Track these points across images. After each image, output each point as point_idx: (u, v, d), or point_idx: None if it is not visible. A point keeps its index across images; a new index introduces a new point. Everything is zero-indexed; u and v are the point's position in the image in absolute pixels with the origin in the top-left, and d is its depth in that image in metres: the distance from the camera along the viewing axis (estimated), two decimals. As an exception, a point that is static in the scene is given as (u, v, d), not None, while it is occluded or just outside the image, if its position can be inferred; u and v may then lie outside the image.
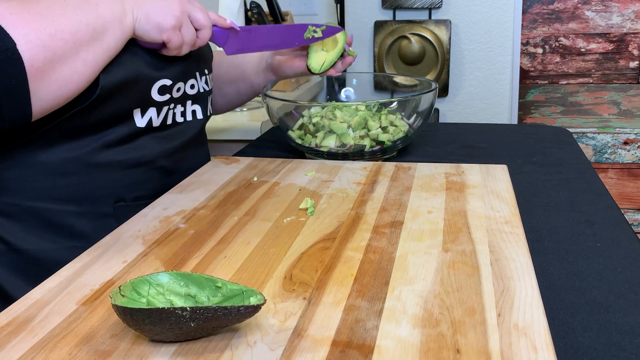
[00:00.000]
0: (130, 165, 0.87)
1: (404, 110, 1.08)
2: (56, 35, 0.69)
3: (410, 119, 1.09)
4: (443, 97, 2.33)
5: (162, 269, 0.63)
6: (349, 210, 0.78)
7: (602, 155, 2.32)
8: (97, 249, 0.68)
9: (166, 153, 0.92)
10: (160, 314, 0.47)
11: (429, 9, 2.25)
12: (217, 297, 0.54)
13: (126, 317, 0.49)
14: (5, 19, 0.66)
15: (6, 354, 0.49)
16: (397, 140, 1.06)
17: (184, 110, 0.95)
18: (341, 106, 1.07)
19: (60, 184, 0.82)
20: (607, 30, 2.22)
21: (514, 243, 0.67)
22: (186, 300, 0.54)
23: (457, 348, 0.48)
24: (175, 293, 0.54)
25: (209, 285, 0.54)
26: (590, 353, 0.54)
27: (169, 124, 0.92)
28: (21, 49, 0.66)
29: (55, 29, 0.69)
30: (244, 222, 0.75)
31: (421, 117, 1.09)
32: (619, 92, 2.28)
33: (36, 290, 0.59)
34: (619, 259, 0.71)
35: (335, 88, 1.30)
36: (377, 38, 2.29)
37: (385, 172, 0.93)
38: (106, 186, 0.85)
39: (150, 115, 0.88)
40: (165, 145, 0.91)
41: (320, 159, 1.05)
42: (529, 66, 2.30)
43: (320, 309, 0.55)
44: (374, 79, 1.40)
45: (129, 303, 0.51)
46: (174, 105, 0.92)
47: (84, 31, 0.72)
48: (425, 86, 1.16)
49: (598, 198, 0.90)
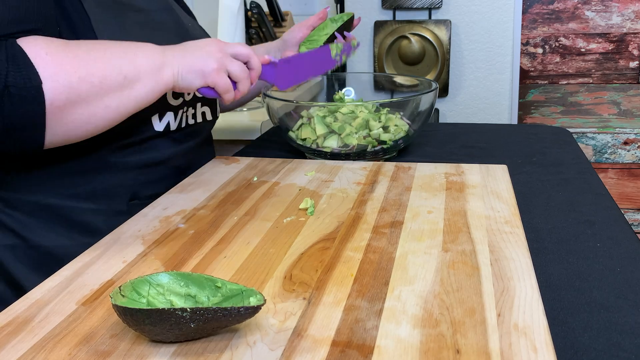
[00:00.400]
0: (146, 165, 0.88)
1: (405, 110, 1.08)
2: (85, 79, 0.70)
3: (410, 119, 1.09)
4: (443, 97, 2.33)
5: (162, 269, 0.63)
6: (349, 210, 0.78)
7: (602, 155, 2.32)
8: (97, 248, 0.68)
9: (180, 153, 0.93)
10: (160, 314, 0.47)
11: (429, 9, 2.25)
12: (217, 297, 0.54)
13: (126, 317, 0.49)
14: (40, 57, 0.68)
15: (6, 354, 0.49)
16: (399, 139, 1.06)
17: (195, 113, 0.96)
18: (341, 106, 1.07)
19: (77, 182, 0.83)
20: (607, 30, 2.22)
21: (513, 243, 0.67)
22: (186, 300, 0.54)
23: (457, 348, 0.48)
24: (175, 293, 0.54)
25: (209, 285, 0.54)
26: (590, 353, 0.54)
27: (182, 127, 0.93)
28: (46, 88, 0.67)
29: (86, 72, 0.71)
30: (244, 222, 0.75)
31: (422, 117, 1.09)
32: (619, 92, 2.28)
33: (36, 290, 0.59)
34: (618, 259, 0.71)
35: (336, 88, 1.30)
36: (377, 38, 2.29)
37: (385, 172, 0.93)
38: (122, 184, 0.86)
39: (168, 119, 0.89)
40: (179, 147, 0.93)
41: (321, 159, 1.05)
42: (529, 66, 2.30)
43: (320, 309, 0.55)
44: (374, 79, 1.40)
45: (129, 303, 0.51)
46: (186, 108, 0.93)
47: (115, 78, 0.73)
48: (425, 86, 1.16)
49: (598, 198, 0.90)
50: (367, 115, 1.05)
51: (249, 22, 1.93)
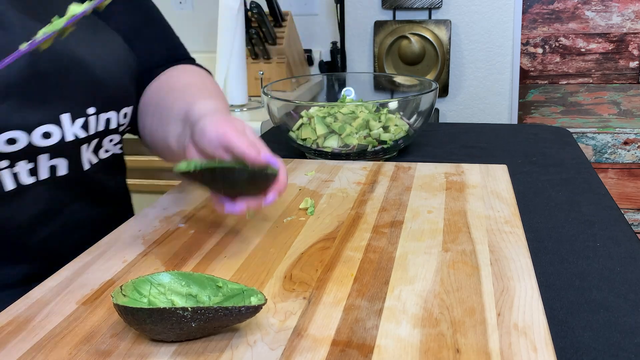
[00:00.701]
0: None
1: (405, 110, 1.08)
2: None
3: (410, 119, 1.09)
4: (443, 97, 2.33)
5: (162, 268, 0.64)
6: (349, 210, 0.78)
7: (602, 155, 2.32)
8: (97, 248, 0.69)
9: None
10: (161, 313, 0.47)
11: (429, 9, 2.25)
12: (218, 296, 0.54)
13: (127, 317, 0.49)
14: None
15: (6, 353, 0.49)
16: (399, 139, 1.06)
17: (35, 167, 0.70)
18: (342, 106, 1.07)
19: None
20: (607, 30, 2.22)
21: (513, 243, 0.67)
22: (187, 300, 0.54)
23: (457, 348, 0.48)
24: (177, 293, 0.54)
25: (210, 284, 0.54)
26: (590, 353, 0.54)
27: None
28: None
29: None
30: (244, 222, 0.75)
31: (422, 117, 1.09)
32: (619, 92, 2.28)
33: (36, 290, 0.59)
34: (618, 259, 0.71)
35: (336, 88, 1.30)
36: (377, 38, 2.29)
37: (385, 172, 0.93)
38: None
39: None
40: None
41: (321, 159, 1.05)
42: (529, 66, 2.30)
43: (320, 308, 0.55)
44: (374, 79, 1.41)
45: (131, 303, 0.51)
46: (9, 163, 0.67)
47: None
48: (425, 86, 1.16)
49: (598, 198, 0.90)
50: (367, 116, 1.06)
51: (249, 22, 1.93)
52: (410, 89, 1.25)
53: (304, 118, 1.08)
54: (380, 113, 1.08)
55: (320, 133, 1.05)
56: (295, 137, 1.08)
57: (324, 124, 1.05)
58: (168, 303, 0.53)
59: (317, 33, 2.37)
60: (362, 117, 1.05)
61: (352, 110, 1.06)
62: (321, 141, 1.05)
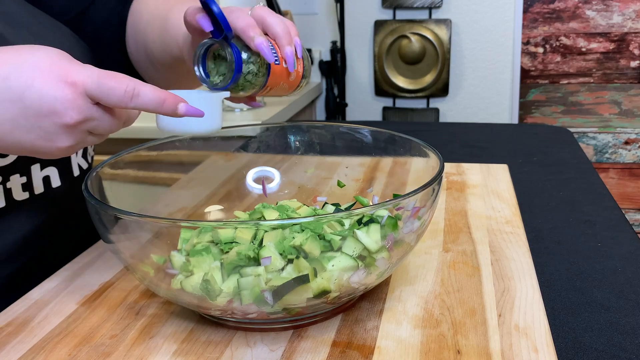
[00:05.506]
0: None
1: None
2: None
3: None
4: (443, 97, 2.33)
5: (162, 269, 0.63)
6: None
7: (603, 155, 2.32)
8: (97, 248, 0.68)
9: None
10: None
11: (429, 8, 2.24)
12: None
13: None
14: None
15: (6, 354, 0.49)
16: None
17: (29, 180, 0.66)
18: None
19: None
20: (607, 29, 2.22)
21: (514, 243, 0.67)
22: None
23: (457, 349, 0.48)
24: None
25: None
26: (591, 353, 0.54)
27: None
28: None
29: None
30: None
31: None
32: (619, 92, 2.27)
33: (36, 291, 0.59)
34: (619, 259, 0.71)
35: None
36: (377, 37, 2.29)
37: (382, 169, 0.93)
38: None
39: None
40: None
41: (320, 157, 1.04)
42: (529, 66, 2.29)
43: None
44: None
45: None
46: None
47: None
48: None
49: (599, 198, 0.90)
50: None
51: (249, 22, 1.93)
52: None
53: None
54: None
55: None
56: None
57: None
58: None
59: (317, 32, 2.36)
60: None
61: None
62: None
